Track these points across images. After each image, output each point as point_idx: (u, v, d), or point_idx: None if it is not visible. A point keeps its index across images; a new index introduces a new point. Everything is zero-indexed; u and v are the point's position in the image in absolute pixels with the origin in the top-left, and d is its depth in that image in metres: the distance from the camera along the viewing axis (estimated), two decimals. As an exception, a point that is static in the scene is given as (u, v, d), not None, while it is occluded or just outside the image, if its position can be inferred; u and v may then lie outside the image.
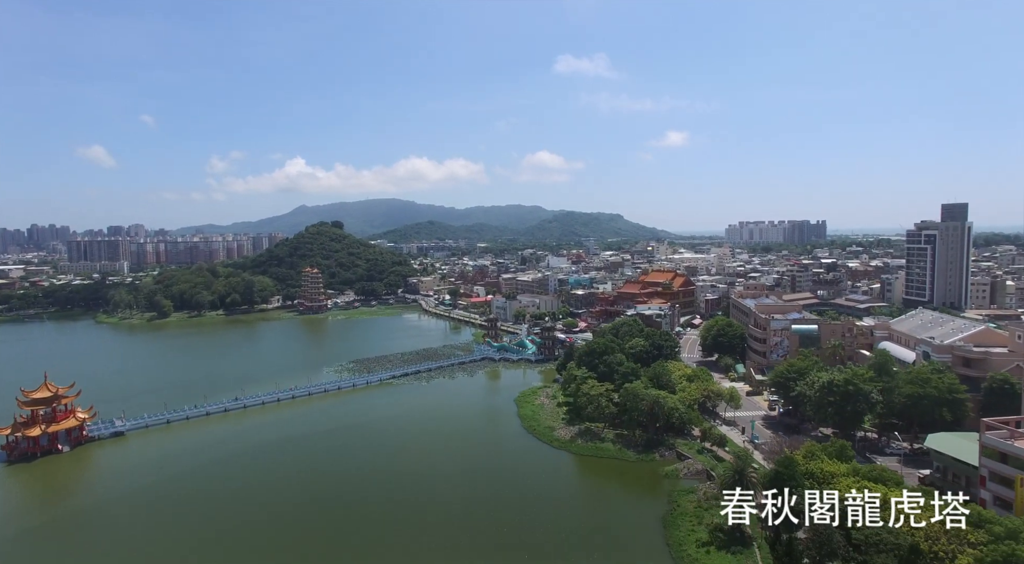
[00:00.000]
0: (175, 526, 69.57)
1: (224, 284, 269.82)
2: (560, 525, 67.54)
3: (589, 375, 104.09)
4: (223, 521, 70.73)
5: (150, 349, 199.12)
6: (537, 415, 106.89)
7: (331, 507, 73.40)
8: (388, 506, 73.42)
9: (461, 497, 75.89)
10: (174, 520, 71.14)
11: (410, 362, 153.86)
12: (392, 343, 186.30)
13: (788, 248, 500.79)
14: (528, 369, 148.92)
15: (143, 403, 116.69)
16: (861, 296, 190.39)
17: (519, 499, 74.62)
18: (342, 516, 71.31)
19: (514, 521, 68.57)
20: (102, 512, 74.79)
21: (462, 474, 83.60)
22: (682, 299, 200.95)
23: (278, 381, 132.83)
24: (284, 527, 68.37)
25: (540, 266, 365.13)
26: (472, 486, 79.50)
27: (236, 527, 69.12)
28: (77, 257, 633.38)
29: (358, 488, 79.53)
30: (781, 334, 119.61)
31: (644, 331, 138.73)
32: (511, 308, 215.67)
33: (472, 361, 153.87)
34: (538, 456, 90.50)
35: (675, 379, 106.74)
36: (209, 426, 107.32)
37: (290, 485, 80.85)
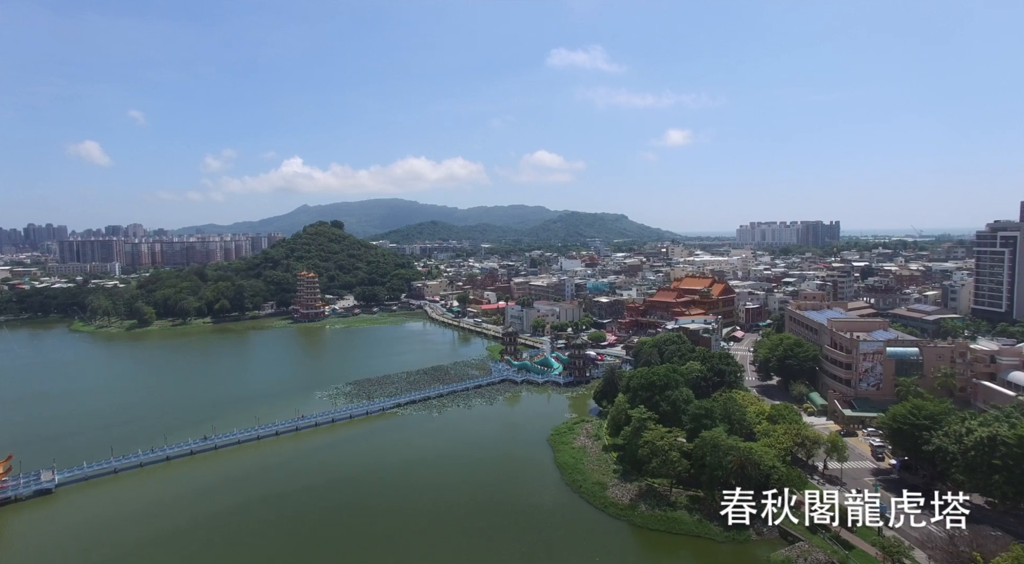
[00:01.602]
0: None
1: (213, 289, 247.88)
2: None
3: (647, 414, 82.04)
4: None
5: (120, 365, 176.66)
6: (580, 464, 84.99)
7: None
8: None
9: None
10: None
11: (416, 385, 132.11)
12: (395, 358, 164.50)
13: (810, 250, 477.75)
14: (555, 393, 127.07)
15: (88, 443, 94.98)
16: (927, 306, 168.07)
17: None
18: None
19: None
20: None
21: (493, 558, 61.77)
22: (722, 309, 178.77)
23: (261, 409, 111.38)
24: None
25: (553, 269, 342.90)
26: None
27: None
28: (69, 258, 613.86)
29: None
30: (873, 358, 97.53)
31: (695, 351, 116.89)
32: (528, 317, 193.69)
33: (490, 384, 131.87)
34: (590, 527, 68.55)
35: (751, 418, 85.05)
36: (168, 476, 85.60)
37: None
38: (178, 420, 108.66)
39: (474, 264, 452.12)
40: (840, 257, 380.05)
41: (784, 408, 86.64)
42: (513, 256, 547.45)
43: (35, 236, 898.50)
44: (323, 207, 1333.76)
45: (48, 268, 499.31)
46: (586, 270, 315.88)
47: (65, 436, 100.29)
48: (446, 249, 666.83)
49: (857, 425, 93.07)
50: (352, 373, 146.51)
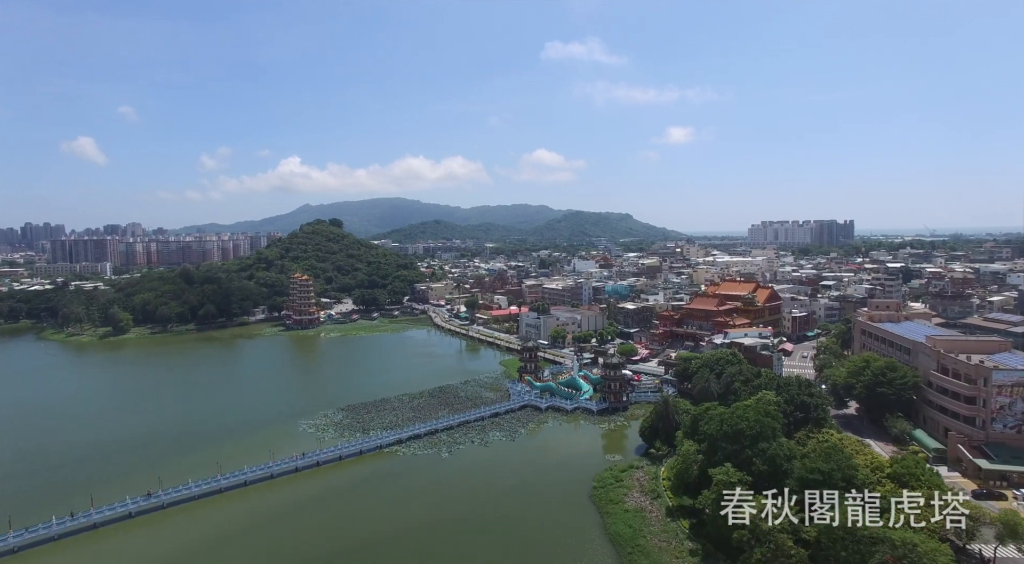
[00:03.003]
0: None
1: (198, 293, 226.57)
2: None
3: (737, 476, 60.23)
4: None
5: (76, 382, 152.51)
6: (641, 537, 63.40)
7: None
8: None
9: None
10: None
11: (421, 412, 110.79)
12: (396, 375, 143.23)
13: (832, 250, 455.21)
14: (587, 423, 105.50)
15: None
16: (1009, 316, 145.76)
17: None
18: None
19: None
20: None
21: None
22: (768, 317, 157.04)
23: (231, 446, 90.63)
24: None
25: (565, 270, 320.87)
26: None
27: None
28: (61, 257, 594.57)
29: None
30: (1012, 392, 75.72)
31: (761, 375, 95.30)
32: (546, 326, 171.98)
33: (509, 411, 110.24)
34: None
35: (865, 475, 63.29)
36: (97, 553, 64.36)
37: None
38: (124, 463, 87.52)
39: (480, 264, 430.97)
40: (869, 257, 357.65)
41: (913, 465, 64.75)
42: (520, 256, 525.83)
43: (32, 235, 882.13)
44: (325, 206, 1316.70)
45: (36, 269, 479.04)
46: (601, 272, 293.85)
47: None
48: (450, 249, 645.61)
49: (998, 481, 71.34)
50: (345, 395, 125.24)
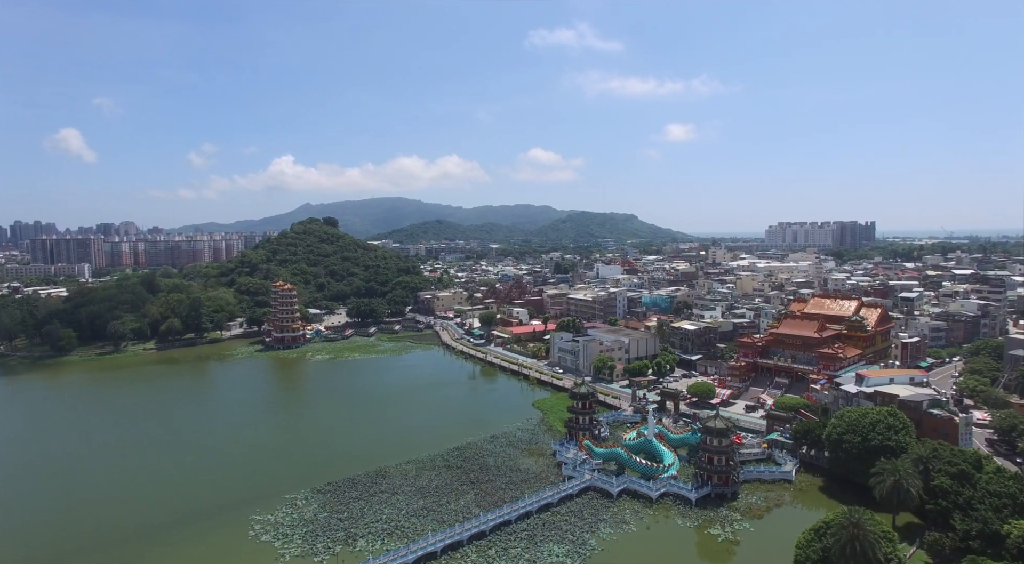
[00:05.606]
0: None
1: (162, 303, 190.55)
2: None
3: None
4: None
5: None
6: None
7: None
8: None
9: None
10: None
11: (435, 496, 74.50)
12: (397, 424, 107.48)
13: (876, 253, 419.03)
14: (684, 520, 69.47)
15: None
16: None
17: None
18: None
19: None
20: None
21: None
22: (879, 345, 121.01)
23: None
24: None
25: (588, 277, 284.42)
26: None
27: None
28: (42, 258, 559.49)
29: None
30: None
31: (959, 455, 59.60)
32: (587, 352, 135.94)
33: (565, 499, 74.19)
34: None
35: None
36: None
37: None
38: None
39: (488, 267, 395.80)
40: (925, 262, 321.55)
41: None
42: (528, 258, 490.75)
43: (21, 234, 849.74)
44: (325, 206, 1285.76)
45: (8, 270, 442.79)
46: (631, 279, 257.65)
47: None
48: (453, 250, 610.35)
49: None
50: (325, 461, 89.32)
